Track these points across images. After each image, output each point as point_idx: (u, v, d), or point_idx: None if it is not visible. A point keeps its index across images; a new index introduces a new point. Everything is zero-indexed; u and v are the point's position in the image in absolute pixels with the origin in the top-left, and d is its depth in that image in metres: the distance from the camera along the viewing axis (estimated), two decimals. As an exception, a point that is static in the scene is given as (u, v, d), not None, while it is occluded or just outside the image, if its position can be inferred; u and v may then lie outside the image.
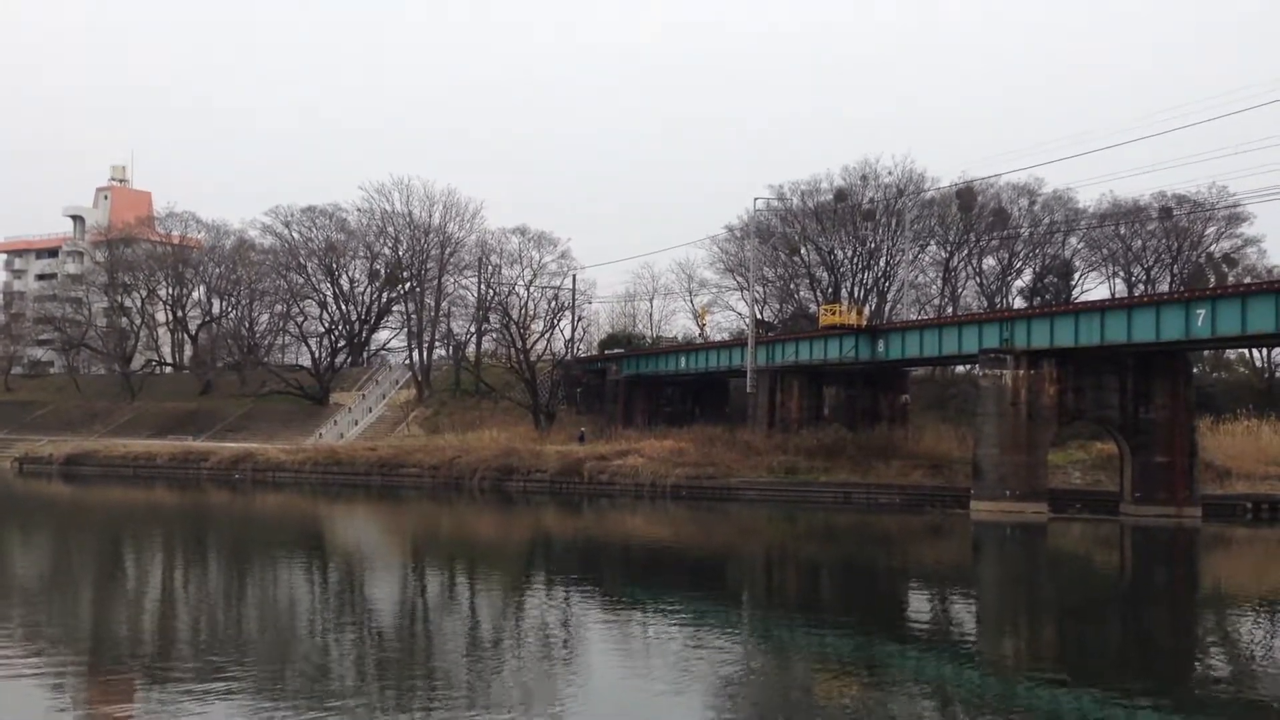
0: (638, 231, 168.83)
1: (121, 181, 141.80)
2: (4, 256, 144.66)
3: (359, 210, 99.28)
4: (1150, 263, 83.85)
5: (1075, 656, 21.63)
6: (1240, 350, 74.66)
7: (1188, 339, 48.18)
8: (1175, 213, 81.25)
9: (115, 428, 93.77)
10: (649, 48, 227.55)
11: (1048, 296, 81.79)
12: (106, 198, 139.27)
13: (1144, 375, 53.79)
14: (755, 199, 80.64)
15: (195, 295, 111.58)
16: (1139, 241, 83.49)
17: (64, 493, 64.66)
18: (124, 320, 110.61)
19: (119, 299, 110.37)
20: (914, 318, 75.60)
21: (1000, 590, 33.51)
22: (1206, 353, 71.26)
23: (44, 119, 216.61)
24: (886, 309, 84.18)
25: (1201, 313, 46.56)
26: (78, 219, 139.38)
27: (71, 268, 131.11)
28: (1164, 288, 79.68)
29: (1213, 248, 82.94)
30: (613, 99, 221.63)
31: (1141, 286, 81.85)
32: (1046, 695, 17.91)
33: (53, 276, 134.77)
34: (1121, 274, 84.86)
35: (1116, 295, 76.85)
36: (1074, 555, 43.37)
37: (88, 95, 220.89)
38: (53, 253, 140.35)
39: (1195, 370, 62.51)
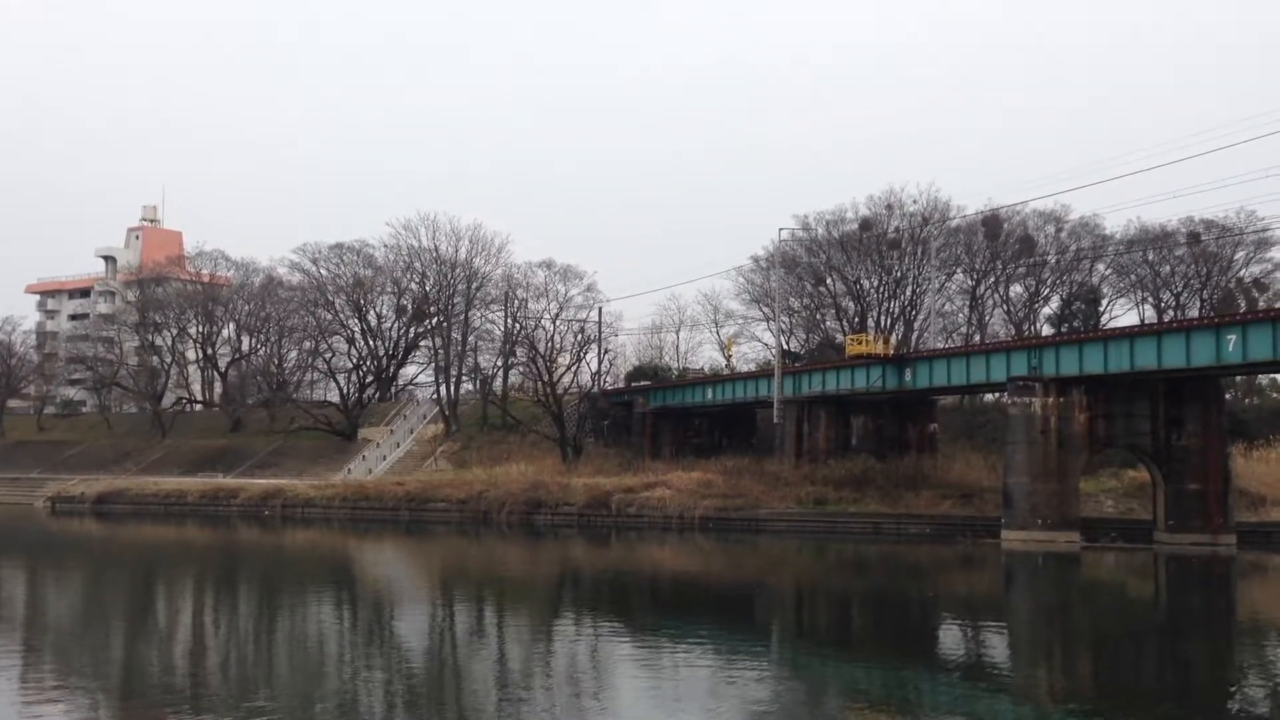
0: (664, 263, 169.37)
1: (152, 221, 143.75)
2: (37, 297, 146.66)
3: (386, 246, 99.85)
4: (1179, 288, 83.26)
5: (1111, 688, 21.34)
6: (1273, 375, 73.85)
7: (1219, 364, 47.72)
8: (1204, 238, 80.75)
9: (146, 465, 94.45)
10: (671, 79, 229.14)
11: (1076, 323, 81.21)
12: (138, 238, 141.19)
13: (1175, 402, 53.30)
14: (780, 229, 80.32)
15: (225, 333, 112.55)
16: (1167, 267, 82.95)
17: (96, 531, 65.05)
18: (155, 359, 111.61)
19: (150, 338, 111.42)
20: (941, 346, 75.25)
21: (1034, 621, 33.15)
22: (1239, 378, 70.58)
23: (76, 161, 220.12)
24: (913, 338, 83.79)
25: (1232, 338, 46.16)
26: (109, 259, 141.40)
27: (103, 307, 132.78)
28: (1194, 313, 78.97)
29: (1242, 272, 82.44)
30: (637, 131, 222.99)
31: (1171, 312, 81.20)
32: (1082, 727, 17.68)
33: (85, 316, 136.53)
34: (1150, 300, 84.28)
35: (1146, 321, 76.28)
36: (1108, 584, 42.85)
37: (119, 137, 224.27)
38: (85, 293, 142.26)
39: (1228, 396, 61.85)
